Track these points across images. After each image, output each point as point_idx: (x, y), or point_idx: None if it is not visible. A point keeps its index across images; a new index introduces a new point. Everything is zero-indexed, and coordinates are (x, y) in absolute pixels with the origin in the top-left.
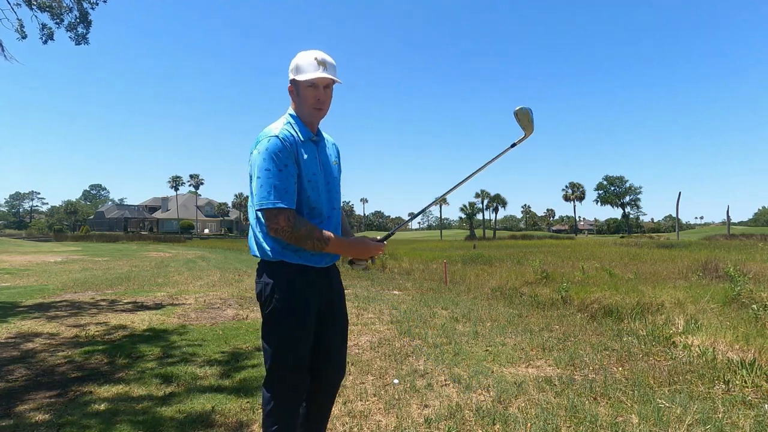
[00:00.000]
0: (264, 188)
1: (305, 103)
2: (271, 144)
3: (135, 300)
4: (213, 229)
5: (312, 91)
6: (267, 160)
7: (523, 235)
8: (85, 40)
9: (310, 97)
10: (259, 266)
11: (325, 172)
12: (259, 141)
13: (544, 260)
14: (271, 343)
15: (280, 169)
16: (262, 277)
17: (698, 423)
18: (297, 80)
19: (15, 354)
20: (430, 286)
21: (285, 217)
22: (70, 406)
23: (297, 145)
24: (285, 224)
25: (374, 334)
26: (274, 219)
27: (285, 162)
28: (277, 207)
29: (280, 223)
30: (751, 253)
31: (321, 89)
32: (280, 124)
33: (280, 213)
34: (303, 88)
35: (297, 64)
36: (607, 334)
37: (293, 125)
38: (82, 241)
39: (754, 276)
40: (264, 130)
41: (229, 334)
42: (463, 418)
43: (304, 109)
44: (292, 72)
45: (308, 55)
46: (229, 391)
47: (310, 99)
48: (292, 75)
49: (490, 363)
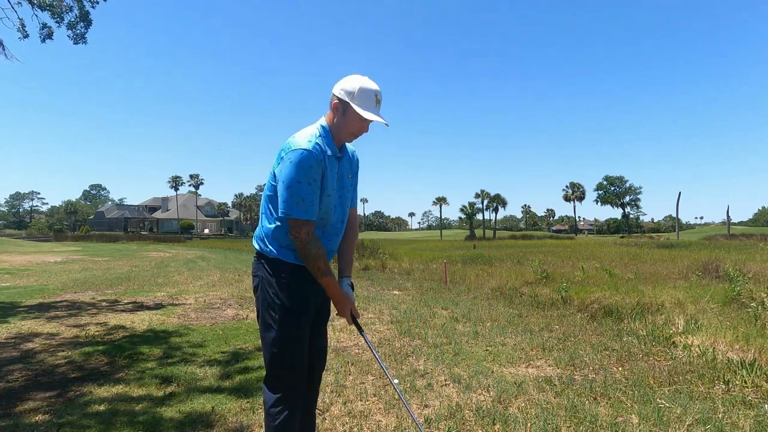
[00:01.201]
0: (293, 198)
1: (346, 128)
2: (304, 158)
3: (135, 300)
4: (213, 229)
5: (359, 123)
6: (299, 173)
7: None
8: (84, 39)
9: (355, 127)
10: (257, 261)
11: (340, 186)
12: (291, 149)
13: (544, 260)
14: (269, 341)
15: (309, 183)
16: (260, 272)
17: (698, 423)
18: (352, 107)
19: (15, 354)
20: (430, 286)
21: (306, 230)
22: (70, 407)
23: (324, 161)
24: (304, 236)
25: (374, 334)
26: (297, 228)
27: (314, 177)
28: (302, 219)
29: (300, 234)
30: (751, 253)
31: (367, 124)
32: (310, 136)
33: (304, 225)
34: (353, 116)
35: (359, 91)
36: (607, 334)
37: (323, 139)
38: (82, 241)
39: (754, 276)
40: (295, 136)
41: (229, 334)
42: (463, 418)
43: (343, 132)
44: (349, 95)
45: (370, 86)
46: (229, 392)
47: (353, 128)
48: (346, 96)
49: (490, 363)
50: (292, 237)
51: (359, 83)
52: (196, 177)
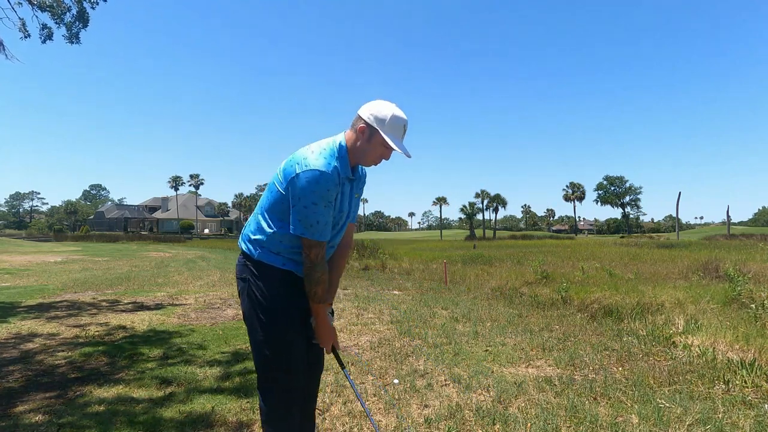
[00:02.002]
0: (309, 220)
1: (369, 155)
2: (323, 180)
3: (135, 300)
4: (213, 229)
5: (383, 150)
6: (315, 194)
7: (523, 235)
8: (77, 39)
9: (377, 154)
10: (243, 263)
11: (349, 207)
12: (308, 168)
13: (544, 260)
14: (260, 343)
15: (324, 205)
16: (245, 273)
17: (698, 423)
18: (381, 135)
19: (15, 354)
20: (430, 286)
21: (317, 252)
22: (70, 407)
23: (340, 184)
24: (314, 258)
25: (374, 334)
26: (308, 249)
27: (330, 200)
28: (315, 240)
29: (310, 254)
30: (751, 253)
31: (389, 154)
32: (328, 156)
33: (315, 246)
34: (378, 143)
35: (388, 119)
36: (607, 334)
37: (340, 160)
38: (82, 241)
39: (754, 276)
40: (313, 152)
41: (229, 334)
42: (463, 418)
43: (364, 158)
44: (379, 122)
45: (401, 116)
46: (229, 392)
47: (375, 156)
48: (376, 123)
49: (490, 363)
50: (303, 256)
51: (391, 111)
52: (196, 177)
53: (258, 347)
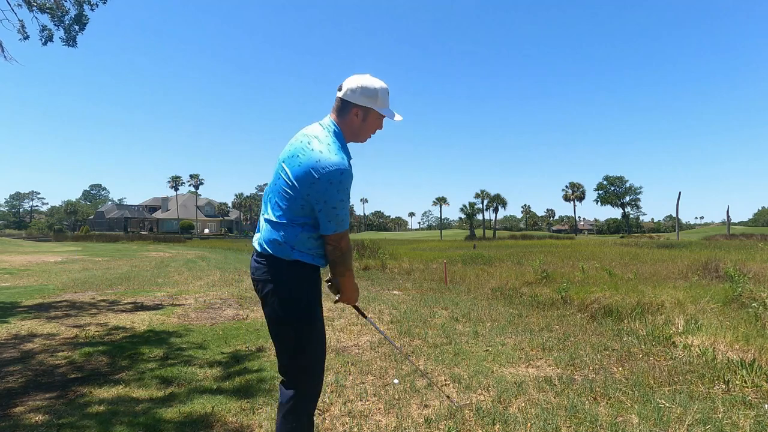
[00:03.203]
0: (340, 216)
1: (364, 131)
2: (345, 176)
3: (135, 300)
4: (213, 229)
5: (378, 123)
6: (341, 192)
7: (523, 235)
8: (74, 43)
9: (373, 128)
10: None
11: None
12: (331, 171)
13: (544, 260)
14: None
15: (347, 197)
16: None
17: (698, 423)
18: (374, 110)
19: (15, 354)
20: (430, 286)
21: (347, 241)
22: (70, 407)
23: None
24: (345, 246)
25: (374, 334)
26: (341, 240)
27: (348, 190)
28: (344, 231)
29: (341, 245)
30: (751, 253)
31: (382, 121)
32: (338, 150)
33: (345, 235)
34: (374, 119)
35: (377, 94)
36: (607, 334)
37: (343, 148)
38: (82, 241)
39: (754, 276)
40: (324, 152)
41: (229, 334)
42: (463, 418)
43: (361, 136)
44: (369, 99)
45: (384, 86)
46: (229, 392)
47: (371, 130)
48: (366, 102)
49: (490, 363)
50: (333, 247)
51: (377, 85)
52: (196, 177)
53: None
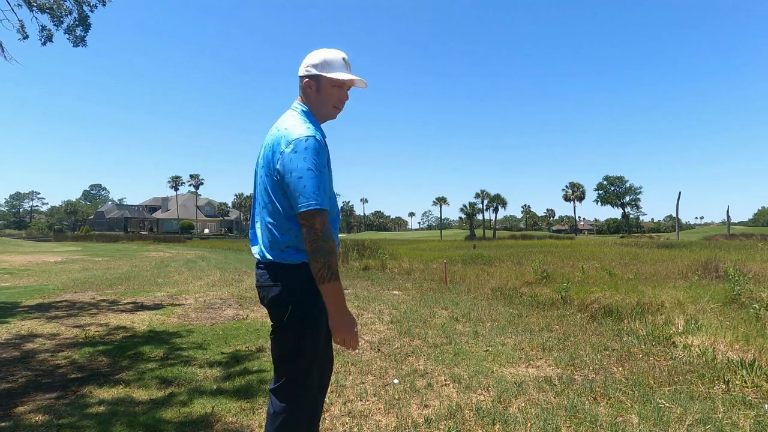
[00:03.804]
0: (308, 189)
1: (326, 102)
2: (311, 144)
3: (135, 300)
4: (213, 229)
5: (337, 91)
6: (308, 160)
7: (523, 235)
8: (83, 42)
9: (334, 96)
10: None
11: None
12: (296, 140)
13: (544, 260)
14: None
15: (320, 170)
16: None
17: (698, 423)
18: (324, 76)
19: (15, 354)
20: (430, 286)
21: (320, 219)
22: (70, 407)
23: (326, 146)
24: (320, 227)
25: (374, 334)
26: (312, 220)
27: (324, 163)
28: (315, 208)
29: (315, 225)
30: (751, 253)
31: (345, 90)
32: (307, 123)
33: (318, 214)
34: (328, 87)
35: (325, 60)
36: (607, 334)
37: (315, 124)
38: (82, 241)
39: (754, 276)
40: (291, 128)
41: (229, 334)
42: (463, 418)
43: (323, 108)
44: (317, 67)
45: (335, 54)
46: (229, 392)
47: (333, 98)
48: (315, 70)
49: (490, 363)
50: (306, 229)
51: (323, 53)
52: (196, 177)
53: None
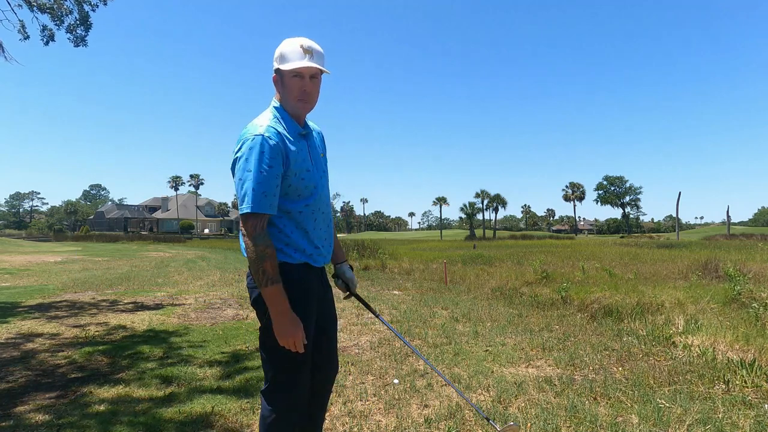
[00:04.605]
0: (244, 191)
1: (290, 95)
2: (255, 143)
3: (135, 300)
4: (213, 229)
5: (297, 81)
6: (249, 161)
7: (523, 235)
8: (84, 42)
9: (295, 88)
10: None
11: (317, 166)
12: (243, 140)
13: (544, 260)
14: (277, 353)
15: (261, 171)
16: None
17: (698, 423)
18: (281, 69)
19: (15, 354)
20: (430, 286)
21: (252, 223)
22: (70, 407)
23: (285, 142)
24: (251, 230)
25: (374, 334)
26: (244, 223)
27: (270, 163)
28: (246, 212)
29: (247, 228)
30: (751, 253)
31: (307, 79)
32: (265, 120)
33: (249, 218)
34: (288, 78)
35: (281, 52)
36: (607, 334)
37: (279, 120)
38: (82, 241)
39: (754, 276)
40: (249, 126)
41: (229, 334)
42: (463, 418)
43: (290, 102)
44: (277, 61)
45: (293, 43)
46: (229, 392)
47: (295, 90)
48: (276, 64)
49: (490, 363)
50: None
51: (282, 45)
52: (196, 177)
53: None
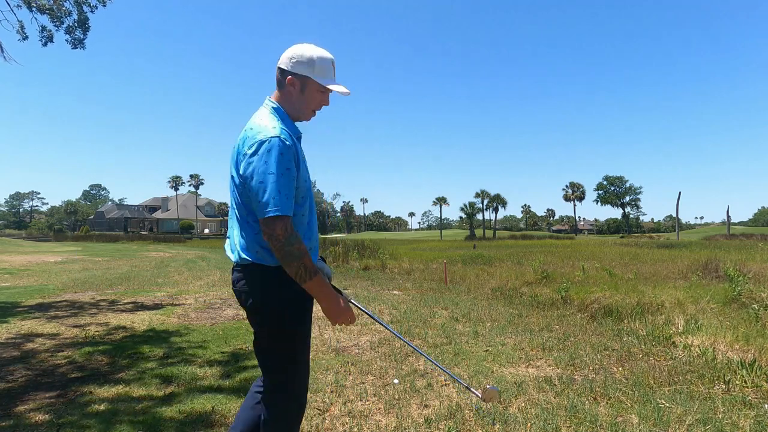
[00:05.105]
0: (268, 194)
1: (308, 104)
2: (273, 146)
3: (135, 300)
4: (213, 229)
5: (321, 96)
6: (270, 164)
7: (523, 235)
8: (82, 45)
9: (317, 101)
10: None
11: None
12: (258, 141)
13: (544, 260)
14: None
15: (282, 173)
16: (262, 285)
17: (698, 423)
18: (312, 80)
19: (15, 354)
20: (430, 286)
21: (281, 225)
22: (70, 407)
23: (296, 147)
24: (281, 233)
25: (374, 334)
26: (272, 226)
27: (288, 166)
28: (273, 215)
29: (276, 231)
30: (751, 253)
31: (328, 97)
32: (274, 121)
33: (278, 221)
34: (313, 90)
35: (314, 62)
36: (607, 334)
37: (283, 121)
38: (82, 241)
39: (754, 276)
40: (256, 126)
41: (229, 334)
42: (463, 418)
43: (303, 109)
44: (304, 67)
45: (325, 55)
46: (229, 392)
47: (315, 103)
48: (302, 70)
49: (490, 363)
50: (266, 238)
51: (315, 53)
52: (196, 177)
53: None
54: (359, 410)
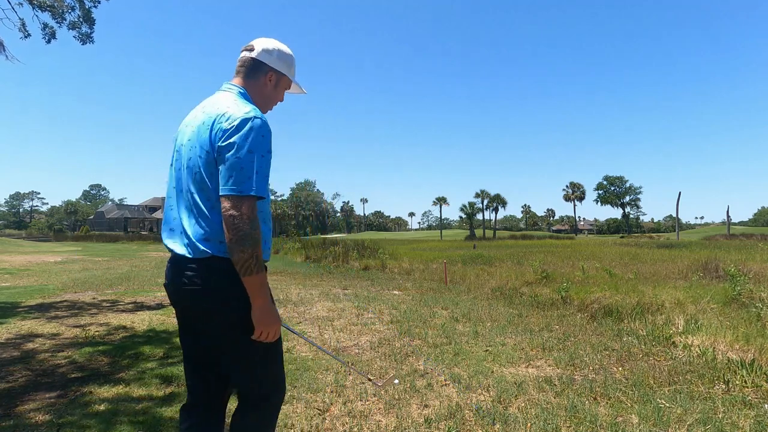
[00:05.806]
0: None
1: (274, 100)
2: (257, 125)
3: (135, 300)
4: None
5: (283, 93)
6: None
7: (523, 235)
8: (91, 39)
9: (279, 98)
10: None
11: None
12: (242, 118)
13: (544, 260)
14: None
15: (262, 154)
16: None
17: (698, 423)
18: (286, 78)
19: (15, 354)
20: (430, 286)
21: (251, 206)
22: (71, 407)
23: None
24: (248, 212)
25: (374, 334)
26: (240, 203)
27: (269, 148)
28: (250, 195)
29: (243, 209)
30: (751, 253)
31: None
32: (249, 106)
33: (249, 200)
34: (282, 87)
35: (292, 61)
36: (607, 334)
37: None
38: (82, 241)
39: (754, 276)
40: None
41: None
42: (463, 418)
43: (269, 104)
44: (284, 65)
45: (292, 54)
46: None
47: (278, 98)
48: (282, 67)
49: (490, 363)
50: (227, 216)
51: (290, 51)
52: None
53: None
54: (359, 410)
